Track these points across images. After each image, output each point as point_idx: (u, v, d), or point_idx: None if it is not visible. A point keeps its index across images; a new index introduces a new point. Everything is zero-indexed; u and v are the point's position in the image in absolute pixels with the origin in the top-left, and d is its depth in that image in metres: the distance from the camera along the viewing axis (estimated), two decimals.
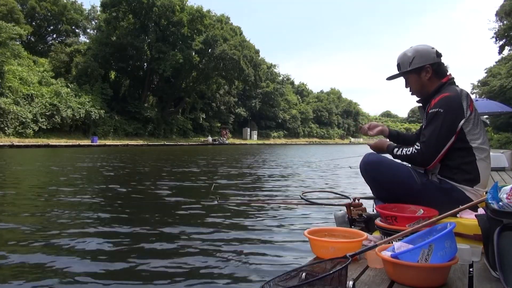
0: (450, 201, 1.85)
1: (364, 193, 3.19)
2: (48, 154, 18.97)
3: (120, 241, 3.50)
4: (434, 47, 2.09)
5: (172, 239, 3.60)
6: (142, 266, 2.84)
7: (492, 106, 9.28)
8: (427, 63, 2.04)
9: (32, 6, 46.00)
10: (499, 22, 28.01)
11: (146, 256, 3.06)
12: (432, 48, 2.08)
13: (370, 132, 2.34)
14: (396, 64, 2.16)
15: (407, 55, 2.09)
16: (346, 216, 2.24)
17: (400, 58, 2.13)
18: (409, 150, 1.98)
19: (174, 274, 2.70)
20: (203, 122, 54.21)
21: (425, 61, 2.04)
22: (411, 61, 2.06)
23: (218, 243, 3.48)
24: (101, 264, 2.88)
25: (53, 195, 6.16)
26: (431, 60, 2.04)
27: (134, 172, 10.39)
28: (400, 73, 2.14)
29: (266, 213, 4.90)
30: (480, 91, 35.47)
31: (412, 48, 2.10)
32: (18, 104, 30.13)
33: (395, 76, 2.19)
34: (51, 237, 3.62)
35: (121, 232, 3.83)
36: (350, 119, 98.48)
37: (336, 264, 1.20)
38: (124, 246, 3.36)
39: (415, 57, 2.05)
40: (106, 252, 3.18)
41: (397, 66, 2.16)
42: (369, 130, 2.35)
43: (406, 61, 2.08)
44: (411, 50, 2.09)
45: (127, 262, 2.92)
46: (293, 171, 11.48)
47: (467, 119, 1.92)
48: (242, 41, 48.83)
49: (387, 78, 2.25)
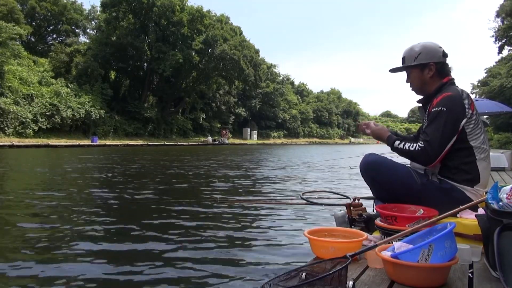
0: (450, 201, 1.85)
1: (364, 193, 3.19)
2: (44, 155, 18.96)
3: (118, 241, 3.50)
4: (442, 47, 2.08)
5: (172, 239, 3.59)
6: (141, 266, 2.84)
7: (492, 106, 9.28)
8: (432, 60, 2.03)
9: (32, 6, 45.99)
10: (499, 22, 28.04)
11: (145, 256, 3.06)
12: (440, 47, 2.07)
13: (368, 130, 2.28)
14: (402, 57, 2.14)
15: (414, 49, 2.07)
16: (346, 216, 2.24)
17: (406, 52, 2.11)
18: (412, 146, 1.94)
19: (173, 274, 2.70)
20: (203, 122, 54.20)
21: (430, 59, 2.03)
22: (417, 56, 2.05)
23: (218, 243, 3.48)
24: (101, 263, 2.88)
25: (53, 195, 6.16)
26: (436, 58, 2.04)
27: (134, 172, 10.39)
28: (404, 66, 2.12)
29: (266, 213, 4.90)
30: (480, 91, 35.46)
31: (420, 44, 2.08)
32: (18, 104, 30.12)
33: (399, 69, 2.18)
34: (51, 237, 3.62)
35: (119, 232, 3.83)
36: (350, 119, 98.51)
37: (336, 264, 1.20)
38: (123, 246, 3.36)
39: (422, 52, 2.04)
40: (105, 252, 3.18)
41: (401, 60, 2.14)
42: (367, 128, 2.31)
43: (412, 56, 2.07)
44: (419, 45, 2.07)
45: (126, 262, 2.92)
46: (293, 171, 11.48)
47: (468, 118, 1.92)
48: (242, 41, 48.82)
49: (390, 70, 2.24)
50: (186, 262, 2.95)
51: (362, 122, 2.33)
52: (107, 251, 3.21)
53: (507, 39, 28.02)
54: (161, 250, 3.26)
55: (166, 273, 2.71)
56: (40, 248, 3.28)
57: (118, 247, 3.33)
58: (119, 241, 3.52)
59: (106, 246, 3.35)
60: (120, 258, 3.01)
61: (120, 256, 3.08)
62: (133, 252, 3.18)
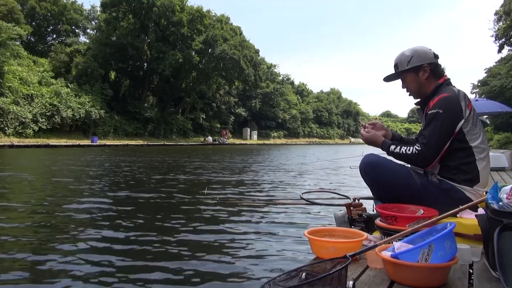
0: (450, 201, 1.85)
1: (364, 193, 3.19)
2: (43, 155, 18.96)
3: (117, 242, 3.50)
4: (431, 49, 2.09)
5: (171, 239, 3.60)
6: (141, 266, 2.84)
7: (492, 106, 9.27)
8: (425, 62, 2.04)
9: (32, 6, 45.96)
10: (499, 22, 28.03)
11: (144, 257, 3.06)
12: (429, 49, 2.09)
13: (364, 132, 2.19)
14: (394, 64, 2.13)
15: (405, 54, 2.08)
16: (346, 216, 2.24)
17: (398, 58, 2.11)
18: (409, 150, 1.95)
19: (173, 274, 2.70)
20: (203, 122, 54.17)
21: (423, 60, 2.04)
22: (410, 60, 2.05)
23: (218, 243, 3.48)
24: (99, 264, 2.88)
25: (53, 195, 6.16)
26: (429, 59, 2.04)
27: (134, 172, 10.39)
28: (398, 72, 2.12)
29: (266, 213, 4.91)
30: (480, 91, 35.44)
31: (409, 48, 2.10)
32: (18, 104, 30.10)
33: (393, 76, 2.16)
34: (50, 237, 3.62)
35: (118, 232, 3.82)
36: (350, 119, 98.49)
37: (336, 264, 1.20)
38: (121, 246, 3.36)
39: (414, 56, 2.05)
40: (104, 252, 3.18)
41: (394, 67, 2.14)
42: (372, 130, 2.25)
43: (404, 60, 2.07)
44: (409, 50, 2.08)
45: (125, 262, 2.93)
46: (293, 171, 11.48)
47: (466, 119, 1.92)
48: (242, 41, 48.81)
49: (384, 79, 2.22)
50: (185, 262, 2.95)
51: (367, 123, 2.27)
52: (106, 251, 3.20)
53: (507, 39, 28.03)
54: (161, 250, 3.26)
55: (165, 273, 2.71)
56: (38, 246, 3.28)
57: (117, 247, 3.33)
58: (118, 240, 3.52)
59: (106, 246, 3.35)
60: (120, 258, 3.00)
61: (119, 256, 3.07)
62: (133, 252, 3.18)
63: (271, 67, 64.83)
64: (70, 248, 3.27)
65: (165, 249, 3.29)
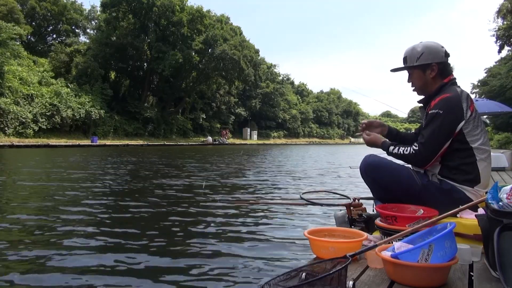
0: (450, 201, 1.85)
1: (364, 193, 3.19)
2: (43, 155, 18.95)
3: (116, 242, 3.50)
4: (444, 46, 2.05)
5: (171, 239, 3.60)
6: (141, 266, 2.84)
7: (492, 106, 9.26)
8: (434, 61, 2.01)
9: (32, 6, 45.96)
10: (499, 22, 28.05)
11: (144, 257, 3.06)
12: (442, 47, 2.04)
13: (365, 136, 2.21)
14: (403, 57, 2.11)
15: (416, 49, 2.04)
16: (346, 216, 2.24)
17: (408, 52, 2.08)
18: (407, 150, 1.96)
19: (173, 274, 2.70)
20: (203, 122, 54.18)
21: (432, 59, 2.01)
22: (419, 57, 2.02)
23: (218, 243, 3.48)
24: (99, 263, 2.88)
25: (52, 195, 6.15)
26: (438, 59, 2.01)
27: (134, 172, 10.39)
28: (405, 66, 2.10)
29: (266, 213, 4.90)
30: (480, 91, 35.41)
31: (422, 44, 2.05)
32: (18, 104, 30.11)
33: (400, 69, 2.16)
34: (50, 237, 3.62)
35: (117, 233, 3.82)
36: (350, 119, 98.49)
37: (336, 264, 1.20)
38: (121, 247, 3.36)
39: (424, 53, 2.01)
40: (103, 252, 3.18)
41: (403, 60, 2.11)
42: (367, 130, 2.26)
43: (414, 56, 2.04)
44: (421, 45, 2.04)
45: (124, 262, 2.92)
46: (293, 171, 11.48)
47: (467, 120, 1.91)
48: (242, 41, 48.82)
49: (391, 70, 2.22)
50: (185, 262, 2.95)
51: (362, 122, 2.29)
52: (105, 251, 3.20)
53: (507, 38, 28.02)
54: (161, 250, 3.26)
55: (165, 272, 2.71)
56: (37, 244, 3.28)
57: (117, 247, 3.33)
58: (118, 241, 3.51)
59: (105, 246, 3.35)
60: (119, 258, 3.00)
61: (119, 256, 3.07)
62: (132, 252, 3.18)
63: (271, 67, 64.91)
64: (70, 247, 3.26)
65: (164, 249, 3.29)
